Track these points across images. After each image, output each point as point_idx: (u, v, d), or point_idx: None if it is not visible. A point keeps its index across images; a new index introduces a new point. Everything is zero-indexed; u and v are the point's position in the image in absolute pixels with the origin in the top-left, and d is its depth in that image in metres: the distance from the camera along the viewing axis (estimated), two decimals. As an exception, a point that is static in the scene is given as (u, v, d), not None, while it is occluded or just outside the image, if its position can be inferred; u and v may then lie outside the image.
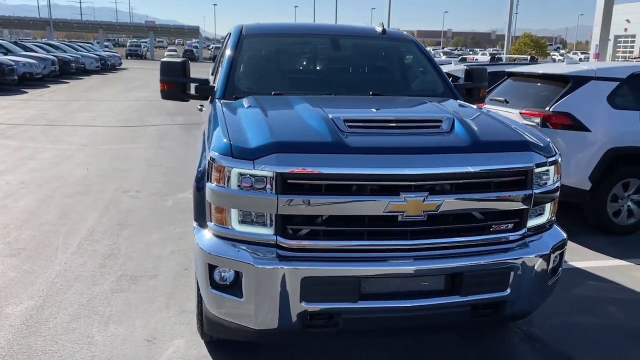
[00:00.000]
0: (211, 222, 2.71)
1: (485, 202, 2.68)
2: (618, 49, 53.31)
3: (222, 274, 2.66)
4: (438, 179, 2.59)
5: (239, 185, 2.57)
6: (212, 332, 3.02)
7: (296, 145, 2.59)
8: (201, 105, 4.58)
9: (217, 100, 3.69)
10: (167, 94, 3.99)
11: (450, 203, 2.60)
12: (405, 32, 4.72)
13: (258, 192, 2.54)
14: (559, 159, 2.91)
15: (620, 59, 48.81)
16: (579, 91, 5.36)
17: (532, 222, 2.83)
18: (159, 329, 3.50)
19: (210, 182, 2.66)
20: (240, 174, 2.56)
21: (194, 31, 70.64)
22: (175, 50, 65.24)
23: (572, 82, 5.44)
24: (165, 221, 5.61)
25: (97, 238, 5.08)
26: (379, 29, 4.39)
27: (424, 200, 2.55)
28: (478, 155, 2.67)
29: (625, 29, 55.01)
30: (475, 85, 4.28)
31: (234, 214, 2.62)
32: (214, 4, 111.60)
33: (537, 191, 2.77)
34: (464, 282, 2.65)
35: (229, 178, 2.58)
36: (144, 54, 60.91)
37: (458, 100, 3.83)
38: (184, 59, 3.99)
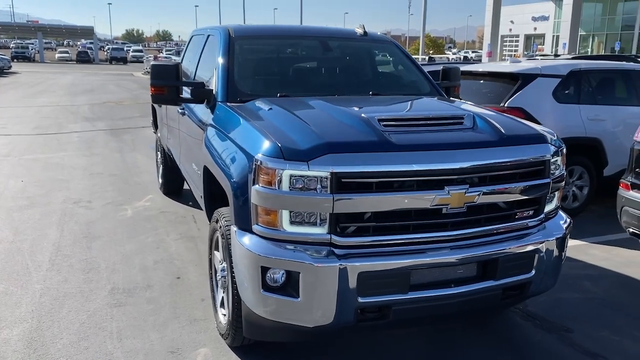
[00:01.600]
0: (258, 224, 2.71)
1: (513, 191, 2.90)
2: (504, 48, 57.29)
3: (274, 275, 2.67)
4: (476, 171, 2.76)
5: (290, 187, 2.59)
6: (254, 335, 3.01)
7: (347, 145, 2.66)
8: (182, 109, 4.46)
9: (220, 103, 3.64)
10: (158, 98, 3.88)
11: (485, 194, 2.79)
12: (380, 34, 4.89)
13: (312, 193, 2.58)
14: (565, 150, 3.20)
15: (506, 57, 52.48)
16: (528, 88, 5.82)
17: (547, 208, 3.09)
18: (177, 339, 3.41)
19: (258, 184, 2.66)
20: (293, 176, 2.58)
21: (87, 31, 66.92)
22: (67, 52, 61.51)
23: (521, 80, 5.89)
24: (133, 231, 5.40)
25: (68, 253, 4.79)
26: (360, 31, 4.52)
27: (465, 193, 2.72)
28: (506, 148, 2.88)
29: (510, 29, 59.33)
30: (451, 84, 4.53)
31: (285, 215, 2.64)
32: (109, 3, 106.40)
33: (552, 179, 3.03)
34: (498, 267, 2.85)
35: (280, 180, 2.59)
36: (32, 57, 56.79)
37: (451, 98, 4.06)
38: (175, 62, 3.88)
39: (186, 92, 4.07)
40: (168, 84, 3.81)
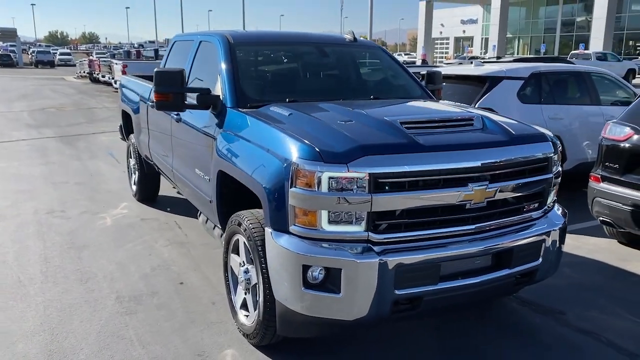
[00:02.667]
0: (295, 225, 2.82)
1: (524, 186, 3.16)
2: (435, 50, 59.25)
3: (313, 273, 2.79)
4: (494, 169, 3.00)
5: (329, 188, 2.73)
6: (288, 332, 3.11)
7: (381, 147, 2.82)
8: (177, 115, 4.47)
9: (230, 109, 3.71)
10: (163, 105, 3.88)
11: (502, 189, 3.03)
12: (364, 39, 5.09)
13: (350, 193, 2.72)
14: (560, 148, 3.50)
15: (438, 59, 54.36)
16: (495, 89, 6.20)
17: (548, 201, 3.37)
18: (199, 342, 3.46)
19: (296, 187, 2.77)
20: (331, 177, 2.72)
21: (10, 33, 63.68)
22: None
23: (489, 82, 6.27)
24: (119, 239, 5.32)
25: (58, 263, 4.69)
26: (350, 37, 4.69)
27: (486, 189, 2.95)
28: (518, 147, 3.13)
29: (441, 32, 61.47)
30: (435, 87, 4.79)
31: (324, 215, 2.77)
32: (32, 4, 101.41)
33: (553, 174, 3.32)
34: (512, 256, 3.10)
35: (319, 182, 2.72)
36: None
37: (443, 101, 4.30)
38: (180, 68, 3.90)
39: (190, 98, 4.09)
40: (173, 91, 3.83)
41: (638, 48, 41.99)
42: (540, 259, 3.25)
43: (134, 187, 6.69)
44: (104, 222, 5.90)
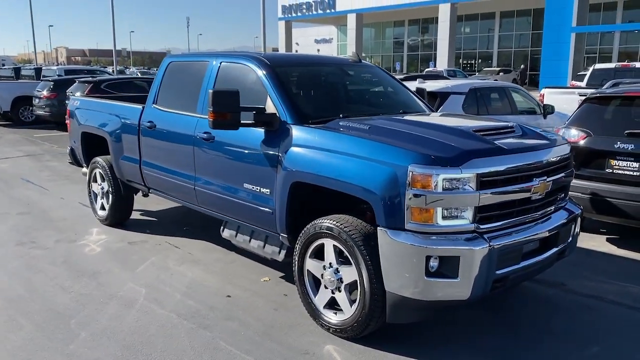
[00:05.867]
0: (412, 222, 3.26)
1: (560, 179, 3.90)
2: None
3: (432, 263, 3.25)
4: (549, 165, 3.71)
5: (443, 188, 3.21)
6: (398, 318, 3.50)
7: (481, 151, 3.37)
8: (208, 135, 4.59)
9: (295, 125, 3.99)
10: (220, 124, 4.03)
11: (552, 182, 3.74)
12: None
13: (461, 191, 3.24)
14: (569, 149, 4.33)
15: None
16: (446, 103, 7.08)
17: (568, 192, 4.17)
18: (294, 343, 3.69)
19: (414, 189, 3.21)
20: (446, 179, 3.21)
21: None
22: None
23: (439, 97, 7.14)
24: (125, 263, 5.20)
25: (83, 292, 4.51)
26: (355, 58, 5.19)
27: (545, 182, 3.64)
28: (556, 148, 3.88)
29: (296, 51, 63.66)
30: (423, 102, 5.46)
31: (439, 212, 3.25)
32: None
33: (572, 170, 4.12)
34: (559, 237, 3.82)
35: (436, 183, 3.20)
36: None
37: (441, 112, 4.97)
38: (235, 89, 4.09)
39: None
40: (231, 110, 4.02)
41: (472, 65, 47.46)
42: (570, 239, 4.02)
43: (103, 213, 6.45)
44: (90, 248, 5.68)
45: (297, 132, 3.96)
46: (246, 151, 4.32)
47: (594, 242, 5.88)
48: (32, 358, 3.50)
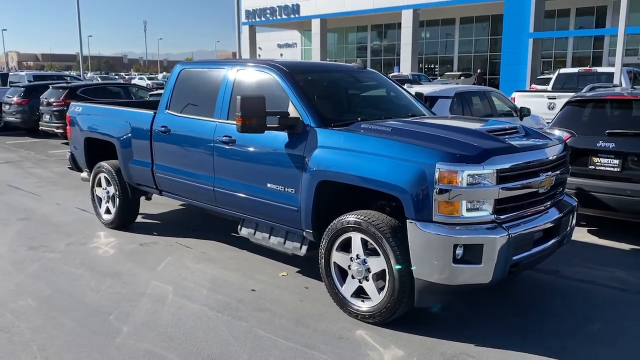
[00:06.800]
0: (439, 214, 3.61)
1: (561, 174, 4.32)
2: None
3: (458, 251, 3.60)
4: (553, 161, 4.12)
5: (468, 183, 3.58)
6: (426, 302, 3.85)
7: (498, 149, 3.76)
8: (228, 139, 4.85)
9: (319, 128, 4.29)
10: (248, 128, 4.31)
11: (555, 177, 4.16)
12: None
13: (483, 186, 3.61)
14: (562, 146, 4.77)
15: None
16: (435, 106, 7.50)
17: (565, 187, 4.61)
18: (328, 329, 3.98)
19: (441, 184, 3.57)
20: (470, 175, 3.58)
21: None
22: None
23: (429, 101, 7.54)
24: (144, 263, 5.38)
25: (114, 290, 4.69)
26: (360, 65, 5.53)
27: (550, 176, 4.05)
28: (557, 146, 4.30)
29: (259, 55, 63.68)
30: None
31: (464, 205, 3.61)
32: None
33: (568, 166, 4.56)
34: (560, 226, 4.24)
35: (461, 179, 3.56)
36: None
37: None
38: (261, 95, 4.36)
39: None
40: (258, 115, 4.29)
41: (431, 69, 48.64)
42: (568, 228, 4.45)
43: (108, 216, 6.57)
44: (104, 250, 5.83)
45: (322, 134, 4.26)
46: (269, 153, 4.59)
47: (578, 234, 6.35)
48: (86, 351, 3.69)
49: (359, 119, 4.49)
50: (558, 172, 4.24)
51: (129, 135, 6.03)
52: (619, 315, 4.28)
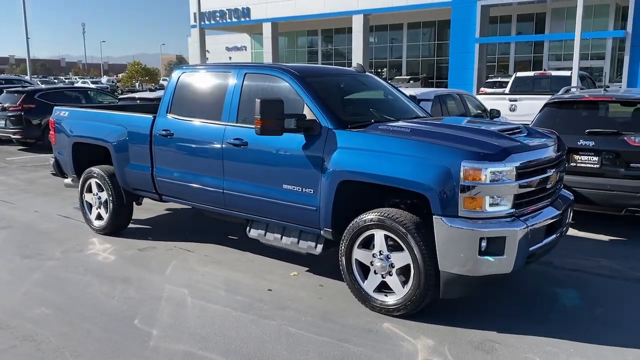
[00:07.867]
0: (464, 209, 3.83)
1: (562, 171, 4.63)
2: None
3: (483, 243, 3.83)
4: (557, 159, 4.43)
5: (491, 180, 3.81)
6: (451, 294, 4.03)
7: (516, 148, 4.00)
8: (240, 141, 4.91)
9: (335, 130, 4.42)
10: (267, 130, 4.40)
11: (559, 172, 4.46)
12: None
13: (504, 182, 3.85)
14: (556, 144, 5.10)
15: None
16: (418, 108, 7.74)
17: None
18: (356, 323, 4.12)
19: (466, 181, 3.78)
20: (492, 172, 3.81)
21: None
22: None
23: (413, 103, 7.78)
24: (149, 268, 5.35)
25: (129, 295, 4.66)
26: (360, 69, 5.70)
27: (555, 172, 4.35)
28: (558, 144, 4.60)
29: (208, 59, 62.95)
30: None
31: (487, 200, 3.84)
32: None
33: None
34: (563, 219, 4.55)
35: (485, 176, 3.79)
36: None
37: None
38: (279, 98, 4.46)
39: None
40: (277, 117, 4.40)
41: (379, 73, 49.58)
42: (568, 220, 4.78)
43: (100, 222, 6.46)
44: (103, 257, 5.75)
45: (341, 136, 4.40)
46: (285, 155, 4.68)
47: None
48: (122, 355, 3.68)
49: (372, 120, 4.66)
50: (561, 168, 4.55)
51: (125, 139, 5.96)
52: (620, 300, 4.62)
